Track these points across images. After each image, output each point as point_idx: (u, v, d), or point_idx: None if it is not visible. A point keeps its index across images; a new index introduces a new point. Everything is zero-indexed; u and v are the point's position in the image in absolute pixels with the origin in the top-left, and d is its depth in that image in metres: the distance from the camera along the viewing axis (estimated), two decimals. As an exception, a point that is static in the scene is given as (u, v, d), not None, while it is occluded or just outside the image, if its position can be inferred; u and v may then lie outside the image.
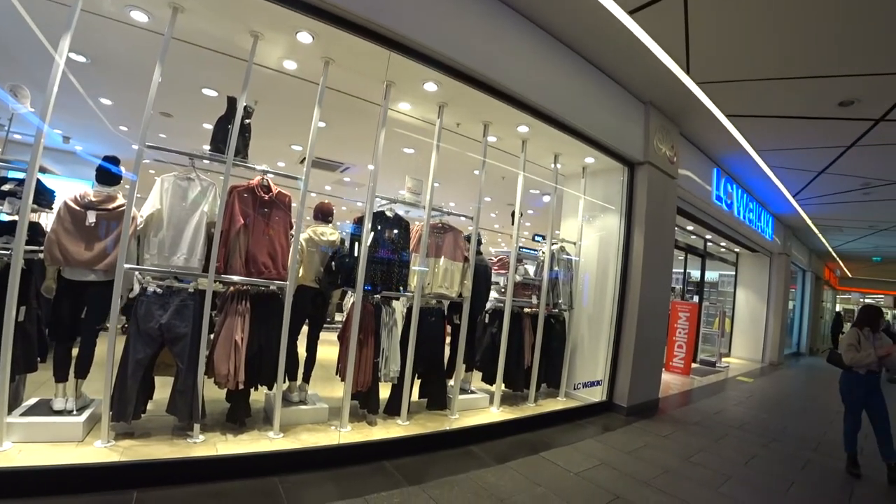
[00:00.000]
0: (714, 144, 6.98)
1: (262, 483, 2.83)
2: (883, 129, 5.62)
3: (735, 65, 4.59)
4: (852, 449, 4.35)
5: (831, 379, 11.03)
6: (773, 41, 4.14)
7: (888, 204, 9.03)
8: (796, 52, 4.26)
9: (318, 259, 3.96)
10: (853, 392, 4.39)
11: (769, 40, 4.13)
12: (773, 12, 3.73)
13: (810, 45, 4.13)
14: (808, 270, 16.83)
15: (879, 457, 4.21)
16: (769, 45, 4.20)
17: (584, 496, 3.18)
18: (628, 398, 5.46)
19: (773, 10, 3.70)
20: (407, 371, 4.02)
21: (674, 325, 8.99)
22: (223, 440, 3.15)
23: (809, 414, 6.88)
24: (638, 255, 5.59)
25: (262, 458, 3.01)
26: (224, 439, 3.17)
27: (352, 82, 3.97)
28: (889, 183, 7.76)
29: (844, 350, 4.36)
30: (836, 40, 4.00)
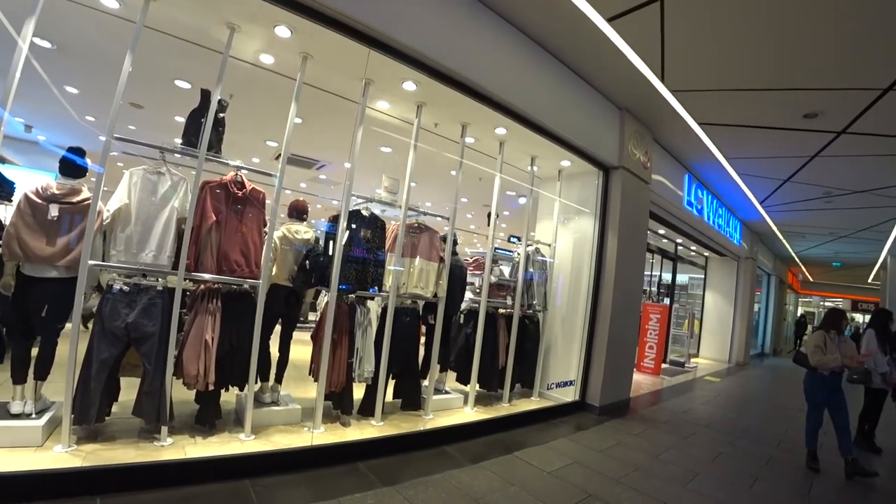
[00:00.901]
0: (686, 151, 7.22)
1: (234, 486, 2.80)
2: (844, 141, 5.95)
3: (708, 75, 4.76)
4: (813, 446, 4.59)
5: (793, 379, 11.57)
6: (743, 54, 4.32)
7: (847, 212, 9.54)
8: (765, 66, 4.47)
9: (291, 257, 3.93)
10: (817, 392, 4.60)
11: (740, 53, 4.31)
12: (745, 27, 3.90)
13: (778, 59, 4.34)
14: (772, 274, 17.55)
15: (837, 452, 4.44)
16: (740, 57, 4.38)
17: (558, 495, 3.27)
18: (600, 398, 5.60)
19: (745, 25, 3.88)
20: (381, 371, 4.03)
21: (645, 326, 9.25)
22: (192, 443, 3.10)
23: (772, 412, 7.20)
24: (611, 257, 5.74)
25: (233, 460, 2.97)
26: (193, 442, 3.12)
27: (330, 79, 3.95)
28: (849, 192, 8.19)
29: (811, 352, 4.53)
30: (802, 56, 4.22)
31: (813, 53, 4.17)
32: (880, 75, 4.34)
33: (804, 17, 3.68)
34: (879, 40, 3.85)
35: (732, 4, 3.63)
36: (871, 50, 3.99)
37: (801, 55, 4.22)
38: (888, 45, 3.89)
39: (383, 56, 3.47)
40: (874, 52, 4.01)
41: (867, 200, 8.51)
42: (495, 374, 5.20)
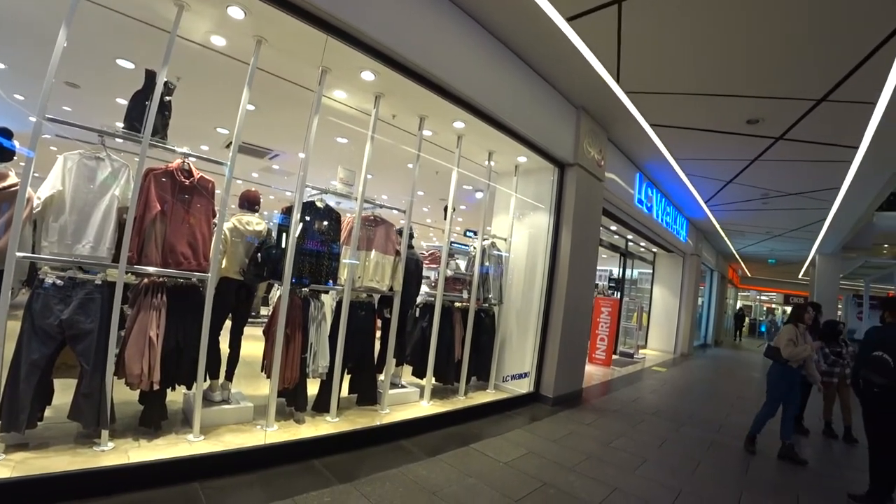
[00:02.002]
0: (638, 151, 7.56)
1: (182, 490, 2.72)
2: (781, 147, 6.45)
3: (661, 78, 5.02)
4: (757, 431, 4.94)
5: (732, 368, 12.43)
6: (694, 60, 4.58)
7: (782, 213, 10.34)
8: (713, 72, 4.76)
9: (242, 250, 3.84)
10: (782, 383, 4.83)
11: (691, 59, 4.57)
12: (695, 35, 4.15)
13: (725, 68, 4.63)
14: (715, 270, 18.69)
15: (773, 436, 4.88)
16: (691, 63, 4.64)
17: (514, 484, 3.39)
18: (554, 389, 5.82)
19: (695, 34, 4.12)
20: (336, 366, 4.01)
21: (597, 319, 9.65)
22: (136, 446, 2.98)
23: (714, 400, 7.72)
24: (565, 252, 5.95)
25: (181, 463, 2.88)
26: (137, 445, 3.00)
27: (285, 65, 3.87)
28: (784, 195, 8.88)
29: (784, 345, 4.73)
30: (747, 65, 4.53)
31: (756, 64, 4.48)
32: (815, 87, 4.74)
33: (748, 29, 3.96)
34: (814, 55, 4.21)
35: (685, 13, 3.85)
36: (806, 63, 4.36)
37: (745, 65, 4.53)
38: (821, 59, 4.26)
39: (342, 44, 3.42)
40: (809, 65, 4.38)
41: (799, 203, 9.26)
42: (451, 368, 5.29)
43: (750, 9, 3.72)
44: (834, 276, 14.84)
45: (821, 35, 3.93)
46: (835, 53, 4.16)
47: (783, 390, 4.84)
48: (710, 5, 3.73)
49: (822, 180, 7.74)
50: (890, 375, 3.66)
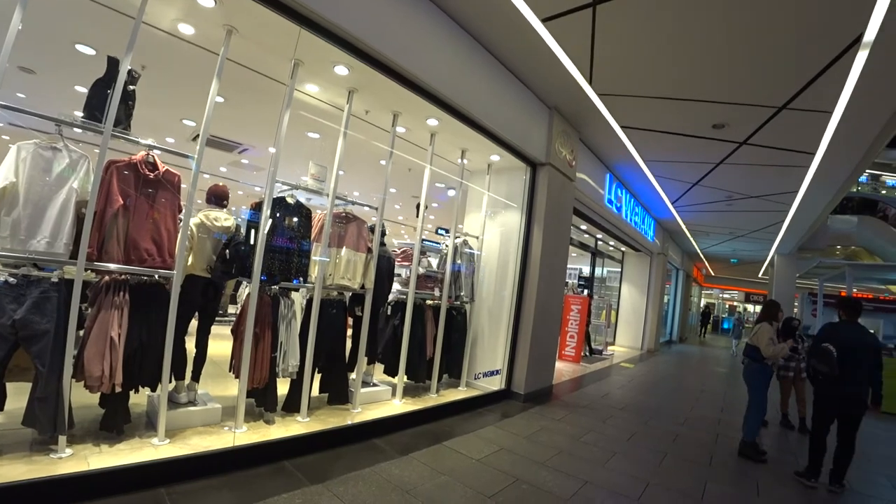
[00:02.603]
0: (609, 152, 7.75)
1: (146, 496, 2.64)
2: (745, 151, 6.75)
3: (632, 81, 5.16)
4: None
5: (697, 363, 12.86)
6: (664, 65, 4.74)
7: (745, 215, 10.80)
8: (682, 78, 4.93)
9: (210, 246, 3.75)
10: (762, 381, 4.96)
11: (661, 64, 4.73)
12: (666, 41, 4.29)
13: (693, 73, 4.82)
14: (680, 269, 19.33)
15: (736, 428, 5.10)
16: (661, 68, 4.80)
17: (486, 481, 3.44)
18: (525, 386, 5.93)
19: (666, 39, 4.27)
20: (306, 365, 3.98)
21: (566, 316, 9.84)
22: (96, 452, 2.87)
23: (679, 394, 8.01)
24: (536, 251, 6.05)
25: (145, 468, 2.80)
26: (97, 451, 2.89)
27: (256, 57, 3.79)
28: (746, 197, 9.28)
29: (766, 344, 4.80)
30: (714, 72, 4.73)
31: (723, 71, 4.68)
32: (777, 95, 4.99)
33: (715, 38, 4.14)
34: (775, 65, 4.44)
35: (656, 20, 3.98)
36: (769, 72, 4.58)
37: (713, 71, 4.72)
38: (782, 69, 4.49)
39: (315, 36, 3.38)
40: (772, 74, 4.61)
41: (760, 205, 9.69)
42: (423, 366, 5.31)
43: (717, 19, 3.89)
44: (791, 276, 15.58)
45: (782, 47, 4.14)
46: (795, 65, 4.39)
47: (765, 387, 4.95)
48: (680, 15, 3.88)
49: (781, 184, 8.12)
50: (832, 365, 4.02)
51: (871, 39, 3.83)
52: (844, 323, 4.35)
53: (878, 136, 5.79)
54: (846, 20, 3.69)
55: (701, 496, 3.66)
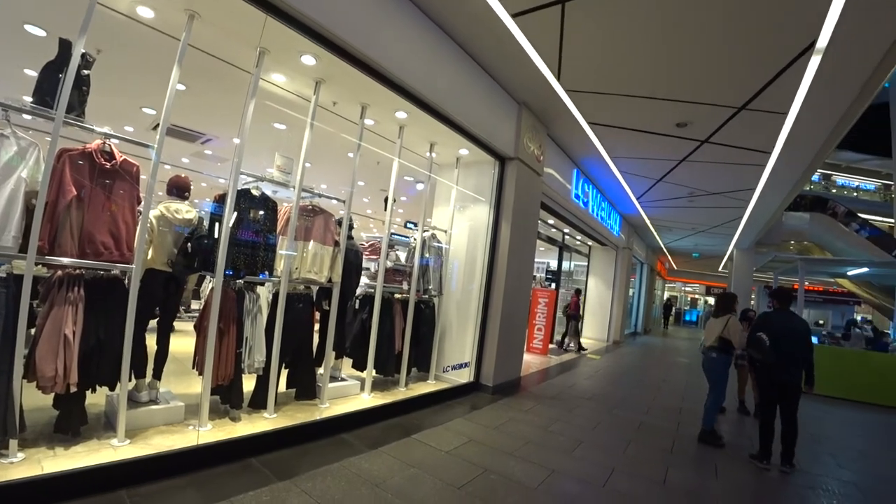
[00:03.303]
0: (576, 147, 7.91)
1: (106, 499, 2.58)
2: (706, 149, 7.02)
3: (599, 79, 5.29)
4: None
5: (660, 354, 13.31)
6: (630, 64, 4.88)
7: (706, 210, 11.23)
8: (648, 76, 5.09)
9: (171, 239, 3.66)
10: (725, 371, 5.14)
11: (627, 63, 4.86)
12: (632, 40, 4.42)
13: (658, 73, 4.98)
14: (644, 263, 19.94)
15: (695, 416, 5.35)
16: (627, 67, 4.94)
17: (455, 472, 3.51)
18: (493, 378, 6.04)
19: (632, 39, 4.39)
20: (273, 361, 3.94)
21: (534, 309, 10.03)
22: (51, 456, 2.77)
23: (643, 384, 8.31)
24: (504, 244, 6.14)
25: (104, 470, 2.72)
26: (52, 454, 2.79)
27: (220, 44, 3.70)
28: (707, 193, 9.66)
29: (739, 335, 4.94)
30: (678, 72, 4.91)
31: (686, 71, 4.87)
32: (737, 95, 5.21)
33: (679, 39, 4.30)
34: (735, 67, 4.65)
35: (624, 19, 4.10)
36: (729, 74, 4.80)
37: (677, 71, 4.90)
38: (741, 71, 4.71)
39: (281, 24, 3.32)
40: (732, 75, 4.83)
41: (721, 201, 10.11)
42: (392, 359, 5.34)
43: (681, 22, 4.04)
44: (749, 270, 16.32)
45: (742, 50, 4.34)
46: (753, 67, 4.61)
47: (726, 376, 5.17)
48: (645, 16, 4.02)
49: (740, 181, 8.49)
50: (764, 352, 4.36)
51: (822, 46, 4.07)
52: (777, 312, 4.68)
53: (828, 137, 6.14)
54: (801, 27, 3.91)
55: (663, 481, 3.84)
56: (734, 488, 3.91)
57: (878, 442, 6.23)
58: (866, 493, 4.10)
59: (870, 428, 7.02)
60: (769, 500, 3.77)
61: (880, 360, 9.16)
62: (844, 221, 18.66)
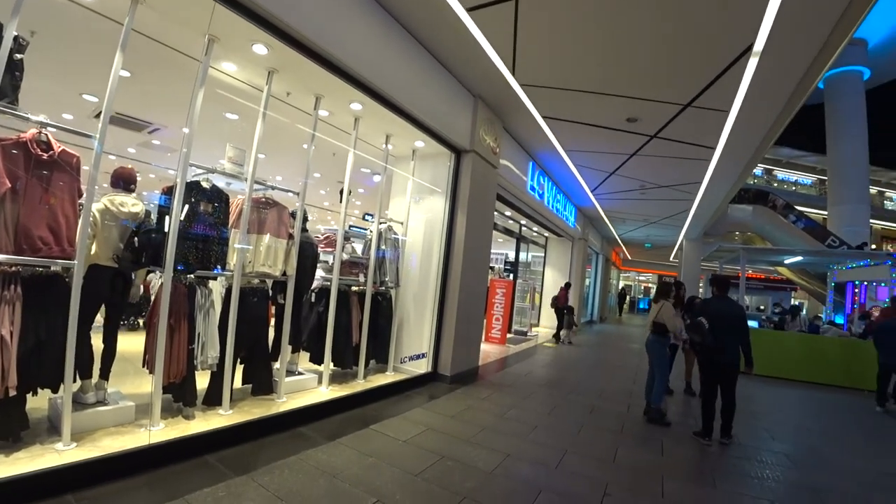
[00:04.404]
0: (531, 140, 8.13)
1: (51, 505, 2.52)
2: (655, 144, 7.38)
3: (552, 74, 5.47)
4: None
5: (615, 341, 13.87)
6: (582, 61, 5.07)
7: (657, 203, 11.78)
8: (599, 73, 5.31)
9: (116, 234, 3.55)
10: (665, 352, 5.62)
11: (580, 59, 5.05)
12: (583, 38, 4.61)
13: (609, 69, 5.21)
14: (600, 253, 20.66)
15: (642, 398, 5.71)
16: (579, 63, 5.13)
17: (413, 460, 3.63)
18: (451, 367, 6.19)
19: (583, 36, 4.58)
20: (227, 356, 3.91)
21: (492, 300, 10.27)
22: (-11, 462, 2.68)
23: (598, 369, 8.71)
24: (460, 236, 6.28)
25: (48, 475, 2.63)
26: (-10, 461, 2.69)
27: (166, 29, 3.59)
28: (657, 186, 10.14)
29: (671, 319, 5.41)
30: (628, 69, 5.15)
31: (635, 68, 5.12)
32: (683, 93, 5.53)
33: (628, 37, 4.52)
34: (680, 65, 4.92)
35: (574, 17, 4.27)
36: (676, 72, 5.08)
37: (627, 69, 5.14)
38: (686, 70, 5.00)
39: (231, 12, 3.27)
40: (678, 74, 5.11)
41: (670, 194, 10.63)
42: (349, 352, 5.39)
43: (628, 22, 4.25)
44: (697, 259, 17.23)
45: (687, 50, 4.62)
46: (697, 67, 4.92)
47: (667, 358, 5.67)
48: (596, 15, 4.20)
49: (687, 175, 8.96)
50: (704, 335, 4.74)
51: (759, 49, 4.38)
52: (716, 297, 5.08)
53: (766, 134, 6.59)
54: (740, 31, 4.20)
55: (612, 459, 4.11)
56: (678, 463, 4.22)
57: (809, 416, 6.83)
58: (796, 462, 4.52)
59: (803, 404, 7.65)
60: (709, 472, 4.08)
61: (813, 341, 10.01)
62: (783, 213, 19.97)
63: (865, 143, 23.18)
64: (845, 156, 23.07)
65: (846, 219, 22.06)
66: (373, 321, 5.64)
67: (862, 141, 23.11)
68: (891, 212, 34.93)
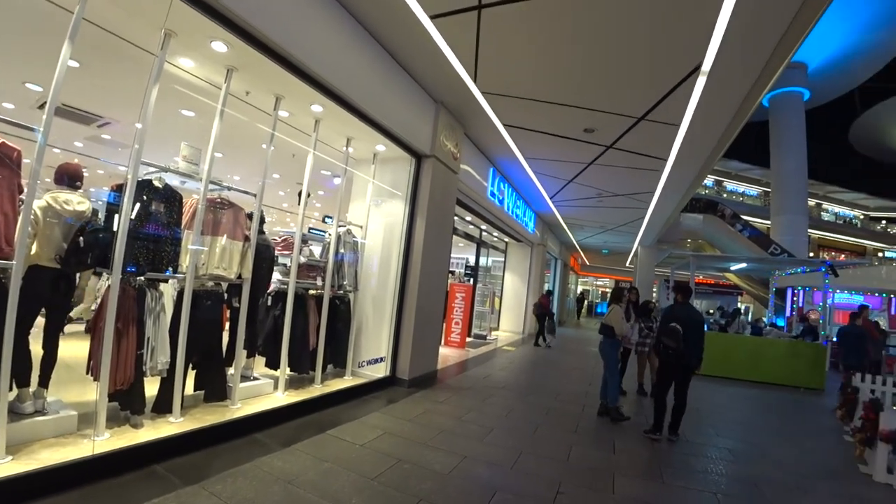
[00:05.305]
0: (492, 147, 8.30)
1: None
2: (612, 154, 7.70)
3: (513, 83, 5.63)
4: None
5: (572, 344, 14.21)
6: (541, 71, 5.26)
7: (613, 210, 12.23)
8: (558, 84, 5.52)
9: (59, 233, 3.40)
10: (615, 354, 5.93)
11: (540, 70, 5.24)
12: (543, 50, 4.78)
13: (567, 81, 5.42)
14: (558, 258, 21.18)
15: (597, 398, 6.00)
16: (539, 73, 5.31)
17: (370, 464, 3.65)
18: (409, 371, 6.24)
19: (543, 49, 4.75)
20: (179, 362, 3.81)
21: (452, 304, 10.36)
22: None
23: (555, 372, 8.96)
24: (419, 240, 6.34)
25: (-22, 489, 2.50)
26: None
27: (120, 20, 3.47)
28: (614, 195, 10.55)
29: (619, 322, 5.76)
30: (584, 82, 5.38)
31: (592, 81, 5.36)
32: (637, 107, 5.80)
33: (585, 52, 4.74)
34: (636, 80, 5.19)
35: (535, 29, 4.41)
36: (631, 86, 5.34)
37: (584, 81, 5.38)
38: (641, 85, 5.27)
39: (189, 7, 3.20)
40: (633, 88, 5.38)
41: (626, 202, 11.07)
42: (307, 356, 5.33)
43: (585, 38, 4.47)
44: (651, 265, 17.92)
45: (641, 66, 4.88)
46: (650, 83, 5.19)
47: (617, 359, 5.99)
48: (553, 29, 4.37)
49: (642, 184, 9.36)
50: (678, 341, 4.98)
51: (707, 69, 4.67)
52: (680, 304, 5.40)
53: (714, 147, 7.00)
54: (689, 51, 4.46)
55: (567, 459, 4.27)
56: (628, 460, 4.43)
57: (752, 413, 7.32)
58: (738, 456, 4.85)
59: (746, 401, 8.15)
60: (658, 468, 4.30)
61: (756, 342, 10.73)
62: (731, 223, 21.11)
63: (804, 158, 24.92)
64: (787, 170, 24.69)
65: (787, 228, 23.59)
66: (331, 325, 5.61)
67: (801, 156, 24.82)
68: (827, 222, 37.86)
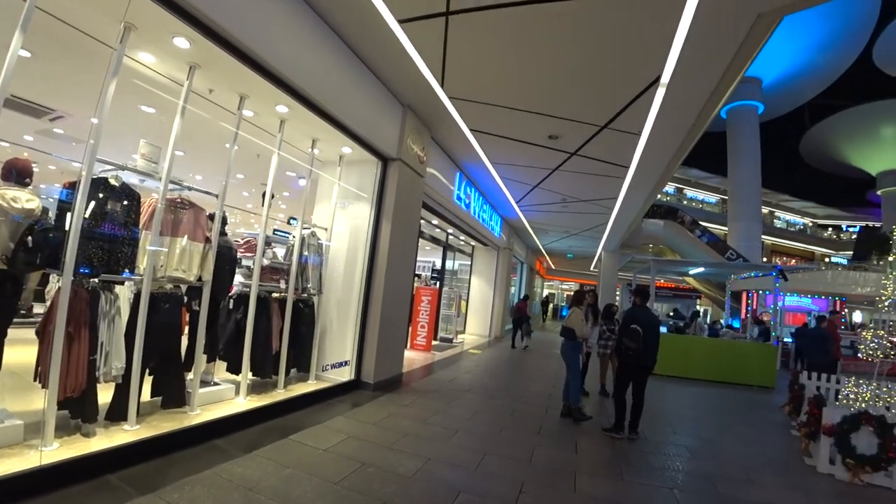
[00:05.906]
0: (459, 152, 8.41)
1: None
2: (575, 161, 7.92)
3: (479, 89, 5.73)
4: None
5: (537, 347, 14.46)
6: (508, 79, 5.39)
7: (577, 216, 12.55)
8: (522, 92, 5.66)
9: (6, 231, 3.25)
10: (576, 356, 6.09)
11: (506, 77, 5.36)
12: (508, 58, 4.91)
13: (531, 89, 5.57)
14: (524, 262, 21.53)
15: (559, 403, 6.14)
16: (505, 80, 5.44)
17: (333, 468, 3.64)
18: (374, 375, 6.24)
19: (508, 57, 4.89)
20: (134, 367, 3.70)
21: (418, 307, 10.40)
22: None
23: (519, 375, 9.12)
24: (385, 243, 6.36)
25: None
26: None
27: (76, 11, 3.35)
28: (578, 200, 10.83)
29: (580, 324, 5.98)
30: (548, 90, 5.54)
31: (558, 90, 5.52)
32: (600, 115, 6.01)
33: (549, 61, 4.89)
34: (599, 90, 5.39)
35: (502, 37, 4.53)
36: (593, 96, 5.56)
37: (549, 90, 5.53)
38: (603, 95, 5.48)
39: (150, 1, 3.12)
40: (596, 98, 5.59)
41: (590, 208, 11.39)
42: (269, 361, 5.26)
43: (551, 46, 4.60)
44: (614, 269, 18.41)
45: (603, 77, 5.08)
46: (612, 93, 5.40)
47: (578, 360, 6.16)
48: (517, 38, 4.50)
49: (605, 190, 9.65)
50: (638, 342, 5.20)
51: (666, 81, 4.88)
52: (639, 307, 5.62)
53: (673, 155, 7.29)
54: (650, 63, 4.65)
55: (530, 459, 4.37)
56: (590, 459, 4.60)
57: (707, 411, 7.67)
58: (693, 452, 5.09)
59: (702, 400, 8.52)
60: (618, 466, 4.46)
61: (713, 344, 11.22)
62: (690, 229, 21.98)
63: (759, 168, 26.24)
64: (742, 179, 25.94)
65: (742, 234, 24.72)
66: (294, 328, 5.55)
67: (756, 167, 26.14)
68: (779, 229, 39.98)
